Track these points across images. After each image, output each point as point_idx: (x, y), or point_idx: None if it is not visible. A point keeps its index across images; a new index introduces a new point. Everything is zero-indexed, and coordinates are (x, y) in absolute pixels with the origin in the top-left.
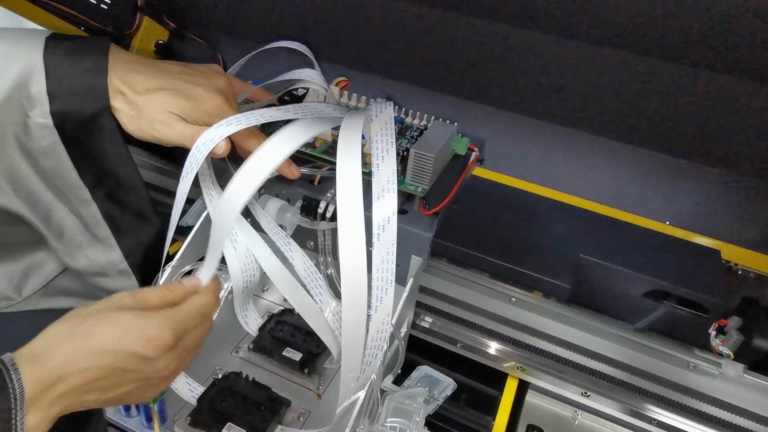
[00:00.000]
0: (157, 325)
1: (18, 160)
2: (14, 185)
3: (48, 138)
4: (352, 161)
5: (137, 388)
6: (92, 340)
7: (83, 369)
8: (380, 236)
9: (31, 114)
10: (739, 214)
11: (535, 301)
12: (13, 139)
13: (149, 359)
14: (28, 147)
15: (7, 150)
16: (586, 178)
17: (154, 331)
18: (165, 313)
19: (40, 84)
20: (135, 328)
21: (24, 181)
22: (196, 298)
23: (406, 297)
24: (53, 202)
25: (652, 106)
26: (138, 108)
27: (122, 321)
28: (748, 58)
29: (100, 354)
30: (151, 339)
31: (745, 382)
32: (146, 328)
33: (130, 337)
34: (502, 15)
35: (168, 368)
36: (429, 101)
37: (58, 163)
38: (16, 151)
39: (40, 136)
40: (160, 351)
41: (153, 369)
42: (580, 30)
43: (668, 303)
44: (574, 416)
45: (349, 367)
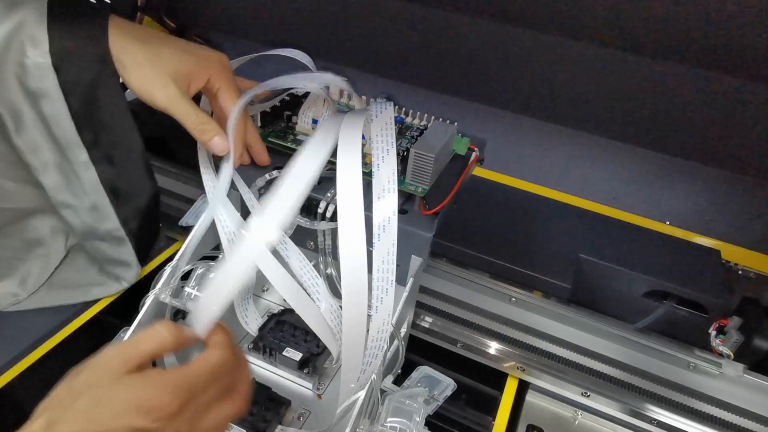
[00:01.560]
0: (157, 394)
1: (20, 101)
2: (17, 128)
3: (47, 79)
4: (353, 161)
5: None
6: (90, 422)
7: None
8: (380, 236)
9: (30, 54)
10: (739, 214)
11: (535, 301)
12: (15, 79)
13: (153, 431)
14: (28, 87)
15: (10, 90)
16: (586, 178)
17: (154, 401)
18: (167, 375)
19: (42, 24)
20: (132, 401)
21: (27, 125)
22: (207, 356)
23: (406, 297)
24: (54, 155)
25: (653, 106)
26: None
27: (116, 395)
28: (749, 59)
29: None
30: (152, 410)
31: (745, 382)
32: (143, 398)
33: (129, 412)
34: (502, 15)
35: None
36: (429, 101)
37: (57, 108)
38: (18, 92)
39: (39, 77)
40: (163, 421)
41: None
42: (581, 30)
43: (668, 303)
44: (574, 416)
45: (349, 367)
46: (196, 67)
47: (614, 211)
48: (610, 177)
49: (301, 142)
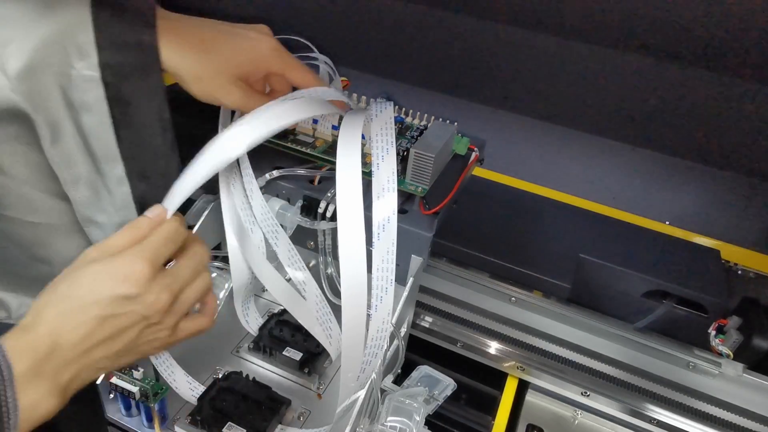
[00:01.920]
0: (127, 261)
1: (61, 112)
2: (53, 139)
3: (93, 92)
4: (352, 161)
5: (142, 332)
6: (71, 299)
7: (72, 328)
8: (380, 236)
9: (77, 66)
10: (739, 214)
11: (535, 301)
12: (58, 89)
13: (134, 296)
14: (72, 100)
15: (50, 100)
16: (586, 178)
17: (126, 267)
18: (131, 248)
19: (89, 34)
20: (106, 273)
21: (64, 136)
22: (157, 229)
23: (406, 297)
24: (87, 169)
25: (653, 106)
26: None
27: (91, 271)
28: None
29: (82, 309)
30: (126, 276)
31: (745, 381)
32: (117, 268)
33: (105, 282)
34: (502, 15)
35: (161, 300)
36: (429, 101)
37: (99, 121)
38: (60, 103)
39: (85, 89)
40: (140, 284)
41: (144, 306)
42: (580, 30)
43: (668, 303)
44: (574, 416)
45: (349, 366)
46: (252, 65)
47: (614, 211)
48: (610, 177)
49: (301, 142)
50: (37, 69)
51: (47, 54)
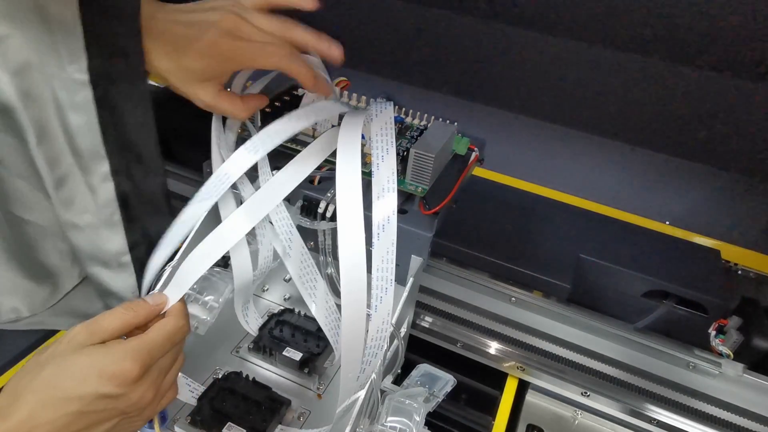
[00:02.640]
0: (119, 359)
1: (50, 112)
2: (40, 137)
3: (82, 94)
4: (352, 161)
5: (118, 424)
6: (54, 389)
7: (49, 420)
8: (380, 236)
9: (68, 69)
10: (739, 214)
11: (535, 301)
12: (49, 89)
13: (119, 396)
14: (61, 100)
15: (42, 100)
16: (586, 178)
17: (116, 366)
18: (126, 344)
19: (78, 39)
20: (94, 368)
21: (51, 136)
22: (163, 324)
23: (406, 297)
24: (72, 167)
25: (652, 106)
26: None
27: (79, 363)
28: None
29: (65, 402)
30: (114, 375)
31: (745, 381)
32: (106, 365)
33: (91, 378)
34: (502, 15)
35: (144, 399)
36: (429, 101)
37: (86, 121)
38: (50, 103)
39: (74, 91)
40: (127, 385)
41: (127, 404)
42: (581, 30)
43: (668, 303)
44: (574, 416)
45: (349, 366)
46: (216, 66)
47: (614, 211)
48: (610, 177)
49: (301, 142)
50: (32, 67)
51: (41, 54)
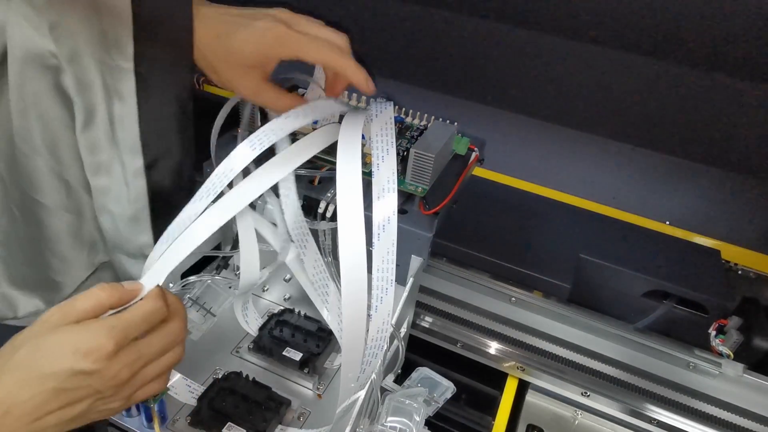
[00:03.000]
0: (92, 335)
1: (98, 98)
2: (86, 123)
3: (126, 82)
4: (352, 161)
5: (94, 404)
6: (29, 368)
7: (26, 398)
8: (380, 236)
9: (115, 56)
10: (739, 214)
11: (535, 301)
12: (99, 76)
13: (93, 372)
14: (108, 86)
15: (93, 87)
16: (586, 178)
17: (89, 342)
18: (100, 320)
19: (128, 25)
20: (68, 345)
21: (96, 122)
22: (140, 304)
23: (406, 297)
24: (111, 158)
25: (652, 106)
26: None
27: (53, 341)
28: (749, 58)
29: (40, 380)
30: (88, 351)
31: (745, 382)
32: (80, 341)
33: (66, 355)
34: (502, 15)
35: (119, 377)
36: (429, 101)
37: (128, 112)
38: (99, 89)
39: (119, 79)
40: (101, 361)
41: (101, 381)
42: (580, 30)
43: (668, 303)
44: (574, 416)
45: (349, 367)
46: (260, 55)
47: (614, 211)
48: (610, 177)
49: None
50: (83, 54)
51: (90, 40)
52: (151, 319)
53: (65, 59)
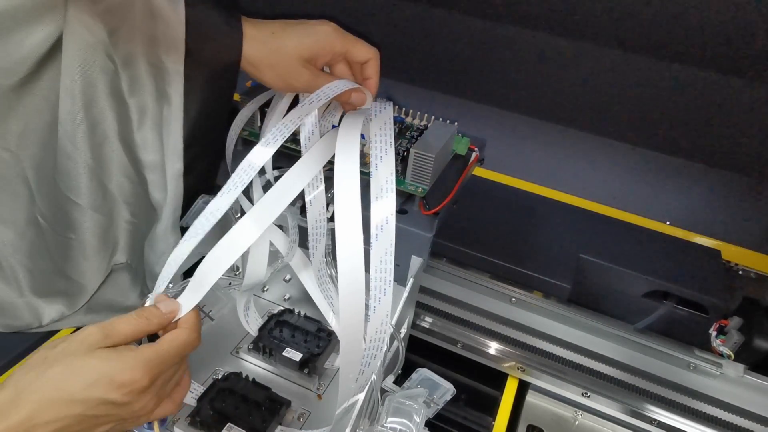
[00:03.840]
0: (130, 368)
1: (150, 99)
2: (140, 122)
3: (176, 84)
4: (351, 161)
5: (113, 427)
6: (60, 391)
7: (51, 420)
8: (378, 237)
9: (165, 59)
10: (739, 214)
11: (535, 302)
12: (150, 77)
13: (123, 404)
14: (158, 87)
15: (143, 86)
16: (586, 178)
17: (126, 375)
18: (139, 352)
19: (180, 29)
20: (104, 374)
21: (146, 123)
22: (175, 337)
23: (406, 297)
24: (157, 160)
25: (652, 106)
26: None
27: (90, 367)
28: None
29: (68, 404)
30: (123, 384)
31: (746, 382)
32: (117, 373)
33: (100, 383)
34: (502, 15)
35: (145, 409)
36: (429, 101)
37: (175, 115)
38: (151, 90)
39: (169, 81)
40: (134, 395)
41: (128, 412)
42: (581, 30)
43: (668, 303)
44: (575, 416)
45: (348, 368)
46: (317, 46)
47: (614, 211)
48: (610, 177)
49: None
50: (137, 59)
51: (144, 45)
52: (184, 352)
53: (121, 63)
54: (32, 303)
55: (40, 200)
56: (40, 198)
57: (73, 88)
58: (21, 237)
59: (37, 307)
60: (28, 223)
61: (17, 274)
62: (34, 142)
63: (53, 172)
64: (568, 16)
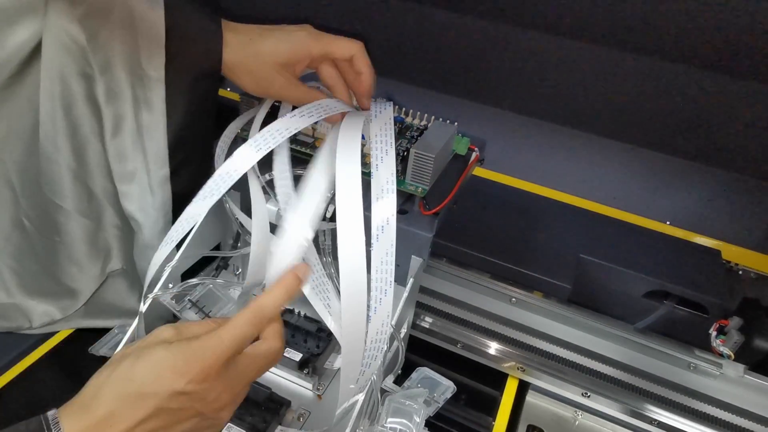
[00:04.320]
0: (194, 356)
1: (127, 107)
2: (114, 131)
3: (156, 91)
4: (352, 161)
5: (196, 425)
6: (130, 382)
7: (128, 415)
8: (379, 237)
9: (145, 66)
10: (739, 214)
11: (535, 302)
12: (129, 86)
13: (194, 394)
14: (137, 95)
15: (120, 94)
16: (586, 178)
17: (191, 363)
18: (202, 340)
19: (160, 37)
20: (170, 363)
21: (124, 131)
22: (237, 324)
23: (406, 297)
24: (138, 167)
25: (653, 106)
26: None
27: (157, 357)
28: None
29: (140, 398)
30: (189, 372)
31: (746, 382)
32: (182, 362)
33: (166, 374)
34: (502, 15)
35: (220, 400)
36: (429, 101)
37: (156, 120)
38: (129, 98)
39: (149, 88)
40: (203, 384)
41: (203, 404)
42: (581, 30)
43: (668, 303)
44: (575, 416)
45: (348, 368)
46: (293, 52)
47: (614, 211)
48: (610, 177)
49: (301, 142)
50: (116, 65)
51: (124, 51)
52: (266, 360)
53: (99, 69)
54: (21, 304)
55: (25, 203)
56: (25, 200)
57: (53, 91)
58: (6, 239)
59: (26, 308)
60: (13, 226)
61: (3, 275)
62: (18, 144)
63: (37, 175)
64: (568, 17)
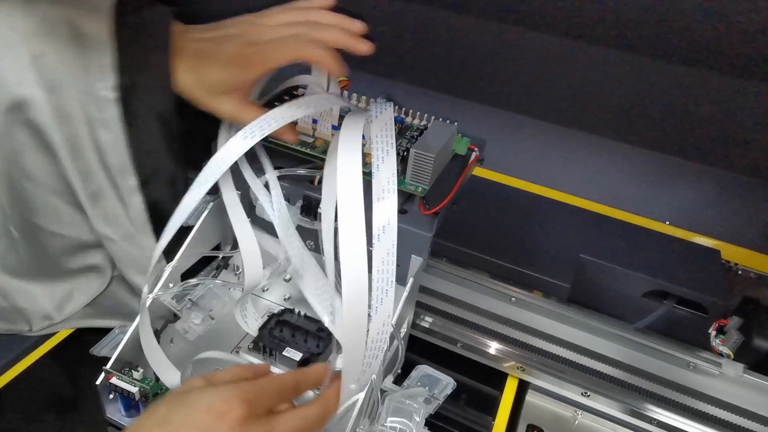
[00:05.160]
0: (225, 398)
1: (81, 128)
2: (73, 154)
3: (110, 111)
4: (353, 161)
5: None
6: (166, 426)
7: None
8: (380, 237)
9: (97, 86)
10: (739, 214)
11: (535, 301)
12: (80, 107)
13: None
14: (90, 116)
15: (73, 118)
16: (586, 178)
17: (222, 404)
18: (234, 384)
19: (108, 57)
20: (202, 405)
21: (83, 152)
22: (282, 376)
23: (406, 297)
24: (104, 182)
25: (653, 106)
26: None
27: (191, 399)
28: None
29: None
30: (220, 414)
31: (746, 382)
32: (214, 403)
33: (199, 415)
34: (502, 15)
35: None
36: (429, 101)
37: (115, 137)
38: (81, 120)
39: (103, 108)
40: (231, 424)
41: None
42: (581, 30)
43: (668, 303)
44: (574, 416)
45: (349, 367)
46: (237, 77)
47: (614, 211)
48: (610, 177)
49: (301, 141)
50: (64, 85)
51: (72, 72)
52: (283, 393)
53: (46, 90)
54: (21, 308)
55: (12, 213)
56: (11, 212)
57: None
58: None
59: (25, 312)
60: (2, 234)
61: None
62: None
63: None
64: (568, 17)
